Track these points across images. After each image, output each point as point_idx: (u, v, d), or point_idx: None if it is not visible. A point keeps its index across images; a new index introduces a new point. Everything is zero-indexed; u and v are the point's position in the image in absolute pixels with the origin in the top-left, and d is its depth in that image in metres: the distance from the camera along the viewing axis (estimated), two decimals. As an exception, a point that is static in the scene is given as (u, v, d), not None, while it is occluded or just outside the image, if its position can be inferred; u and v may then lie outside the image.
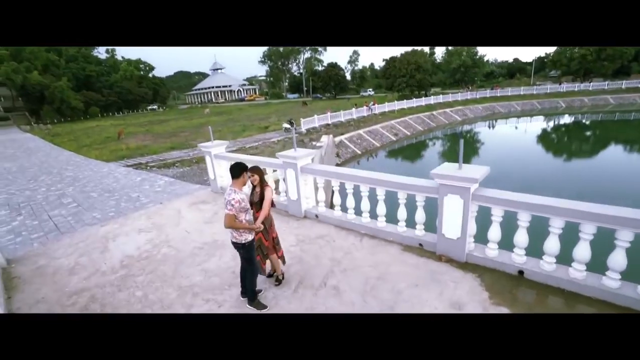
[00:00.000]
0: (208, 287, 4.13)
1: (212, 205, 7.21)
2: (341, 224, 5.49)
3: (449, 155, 25.57)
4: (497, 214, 3.90)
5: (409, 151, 27.60)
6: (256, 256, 3.98)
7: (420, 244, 4.60)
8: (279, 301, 3.75)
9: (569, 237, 3.69)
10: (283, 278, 4.15)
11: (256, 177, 3.80)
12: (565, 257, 3.68)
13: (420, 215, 4.57)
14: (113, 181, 11.34)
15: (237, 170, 3.45)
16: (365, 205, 5.16)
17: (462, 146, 3.90)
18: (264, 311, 3.57)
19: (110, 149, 21.41)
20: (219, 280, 4.26)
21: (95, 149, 22.15)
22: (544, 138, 29.30)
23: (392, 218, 5.04)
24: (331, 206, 5.90)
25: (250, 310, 3.63)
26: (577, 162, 21.33)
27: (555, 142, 28.61)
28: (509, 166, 19.08)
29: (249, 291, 3.70)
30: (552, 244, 3.61)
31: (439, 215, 4.19)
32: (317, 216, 5.86)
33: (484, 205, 3.94)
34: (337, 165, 21.42)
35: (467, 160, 4.00)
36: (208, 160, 7.97)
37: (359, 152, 24.50)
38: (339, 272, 4.19)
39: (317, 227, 5.56)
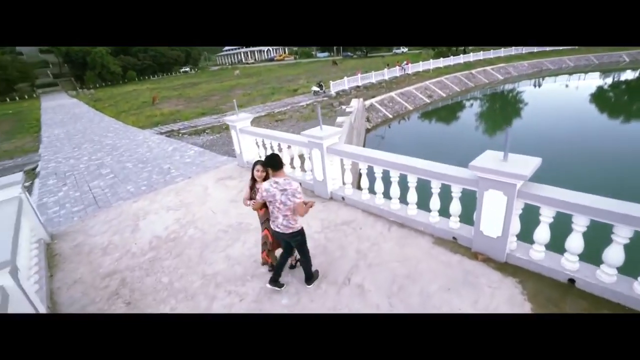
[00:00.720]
0: (231, 276, 4.04)
1: (238, 181, 7.07)
2: (368, 208, 5.12)
3: (487, 118, 23.66)
4: (547, 214, 3.34)
5: (444, 112, 25.84)
6: (262, 251, 3.94)
7: (454, 238, 4.16)
8: (301, 298, 3.58)
9: (637, 244, 3.10)
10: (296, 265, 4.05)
11: (263, 174, 3.70)
12: (629, 268, 3.12)
13: (455, 207, 4.08)
14: (147, 150, 11.56)
15: (278, 160, 3.34)
16: (395, 191, 4.71)
17: (508, 136, 3.27)
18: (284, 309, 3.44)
19: (146, 114, 21.88)
20: (241, 269, 4.15)
21: (132, 114, 22.76)
22: (601, 98, 26.04)
23: (424, 205, 4.59)
24: (359, 187, 5.51)
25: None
26: None
27: (614, 101, 25.36)
28: (557, 133, 17.24)
29: (307, 275, 3.74)
30: (614, 253, 3.04)
31: (477, 209, 3.68)
32: (343, 199, 5.52)
33: (532, 204, 3.38)
34: (367, 130, 20.58)
35: (504, 120, 3.33)
36: (234, 134, 7.71)
37: (390, 115, 23.27)
38: (364, 267, 3.91)
39: (343, 211, 5.24)
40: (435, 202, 4.28)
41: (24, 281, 3.80)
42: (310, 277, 3.75)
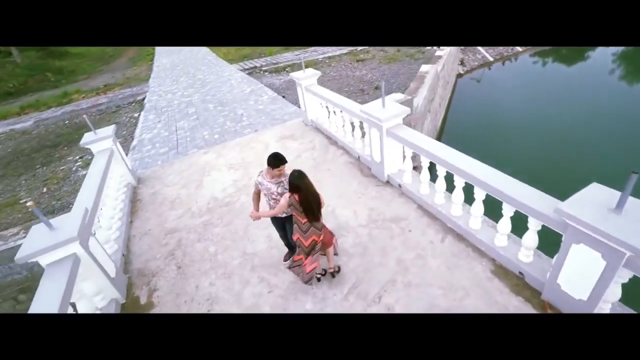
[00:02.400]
0: (267, 261, 4.00)
1: (299, 143, 6.71)
2: (425, 205, 4.33)
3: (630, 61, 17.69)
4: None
5: (570, 53, 20.06)
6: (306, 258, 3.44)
7: (521, 273, 3.27)
8: (326, 308, 3.35)
9: None
10: (338, 271, 3.66)
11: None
12: None
13: (529, 240, 3.09)
14: (228, 91, 11.78)
15: (268, 162, 3.18)
16: (458, 196, 3.80)
17: (631, 183, 2.09)
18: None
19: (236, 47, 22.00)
20: (278, 254, 4.06)
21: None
22: None
23: (493, 213, 3.65)
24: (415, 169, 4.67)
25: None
26: None
27: None
28: None
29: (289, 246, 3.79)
30: None
31: (559, 256, 2.70)
32: (400, 186, 4.78)
33: (655, 278, 2.29)
34: (459, 75, 17.47)
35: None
36: (299, 91, 7.09)
37: (491, 58, 19.07)
38: (401, 286, 3.42)
39: (397, 203, 4.56)
40: (504, 225, 3.32)
41: (105, 231, 4.36)
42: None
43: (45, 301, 2.74)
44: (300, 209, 3.09)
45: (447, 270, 3.49)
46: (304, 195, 3.06)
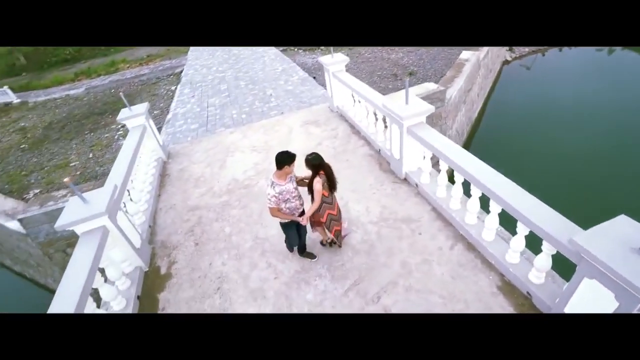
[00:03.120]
0: (276, 247, 4.12)
1: (322, 129, 6.64)
2: (440, 209, 4.19)
3: None
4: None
5: None
6: (331, 231, 3.67)
7: (529, 294, 3.12)
8: (325, 300, 3.44)
9: None
10: (332, 244, 3.95)
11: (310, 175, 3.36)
12: None
13: (542, 262, 2.91)
14: (260, 68, 11.74)
15: (281, 160, 3.11)
16: (473, 205, 3.63)
17: None
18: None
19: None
20: (287, 242, 4.17)
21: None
22: None
23: (507, 223, 3.47)
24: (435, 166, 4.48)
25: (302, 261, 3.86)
26: None
27: None
28: None
29: (296, 248, 3.90)
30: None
31: (570, 286, 2.53)
32: (417, 185, 4.63)
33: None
34: (506, 62, 16.05)
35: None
36: (327, 76, 6.91)
37: (547, 44, 17.16)
38: (401, 289, 3.41)
39: (411, 203, 4.45)
40: (518, 243, 3.14)
41: (135, 204, 4.69)
42: (300, 250, 3.89)
43: (78, 265, 3.08)
44: (326, 186, 3.34)
45: (451, 279, 3.42)
46: (328, 170, 3.32)
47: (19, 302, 8.20)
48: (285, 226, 3.58)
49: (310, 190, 3.34)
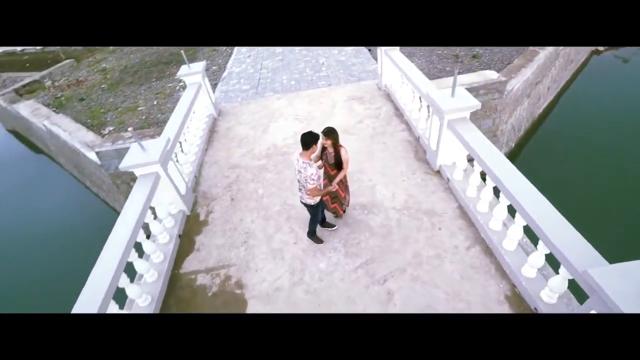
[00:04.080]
0: (301, 215, 4.36)
1: (366, 106, 6.52)
2: (466, 208, 4.07)
3: None
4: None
5: None
6: (332, 204, 4.02)
7: (536, 310, 3.05)
8: (335, 272, 3.67)
9: None
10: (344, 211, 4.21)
11: (329, 141, 3.49)
12: None
13: (557, 284, 2.80)
14: (317, 34, 11.44)
15: (308, 141, 3.18)
16: (500, 212, 3.49)
17: None
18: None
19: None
20: (311, 213, 4.40)
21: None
22: None
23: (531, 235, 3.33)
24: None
25: (309, 242, 4.02)
26: None
27: None
28: None
29: (310, 230, 3.97)
30: None
31: (585, 308, 2.45)
32: (448, 180, 4.50)
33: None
34: (596, 52, 13.84)
35: None
36: (378, 53, 6.62)
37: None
38: (408, 278, 3.51)
39: (437, 197, 4.37)
40: (537, 259, 3.02)
41: (185, 155, 5.18)
42: (310, 233, 3.97)
43: (134, 201, 3.64)
44: (332, 163, 3.60)
45: (460, 278, 3.43)
46: (335, 140, 3.49)
47: (94, 217, 9.69)
48: (316, 207, 3.62)
49: (336, 160, 3.56)
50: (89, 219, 9.61)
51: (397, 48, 6.23)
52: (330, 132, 3.46)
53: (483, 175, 3.88)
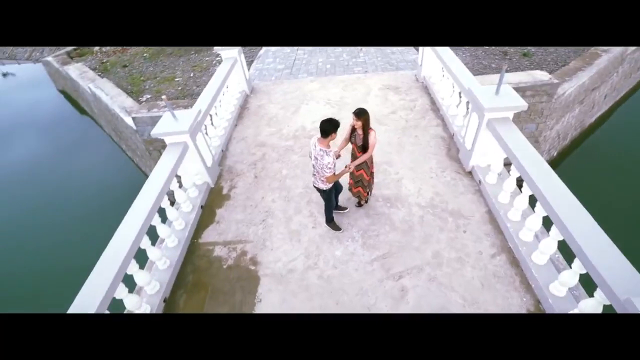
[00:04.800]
0: (322, 200, 4.32)
1: (401, 97, 6.26)
2: (496, 214, 3.84)
3: None
4: None
5: None
6: (355, 188, 3.96)
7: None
8: (350, 261, 3.61)
9: None
10: (366, 201, 4.20)
11: (359, 123, 3.38)
12: None
13: (589, 308, 2.57)
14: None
15: (327, 128, 3.10)
16: (534, 222, 3.24)
17: None
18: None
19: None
20: (332, 199, 4.34)
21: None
22: None
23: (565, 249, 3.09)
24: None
25: (327, 229, 3.97)
26: None
27: None
28: None
29: (327, 216, 3.94)
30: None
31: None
32: (480, 182, 4.25)
33: None
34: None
35: None
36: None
37: None
38: (425, 277, 3.39)
39: (466, 199, 4.14)
40: (569, 279, 2.79)
41: (215, 129, 5.25)
42: (328, 220, 3.93)
43: (163, 166, 3.74)
44: (360, 145, 3.51)
45: (480, 286, 3.26)
46: (366, 122, 3.39)
47: (127, 180, 10.23)
48: (329, 192, 3.59)
49: (364, 140, 3.46)
50: (122, 180, 10.16)
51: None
52: (362, 113, 3.35)
53: (519, 182, 3.62)
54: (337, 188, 3.86)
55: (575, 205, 2.73)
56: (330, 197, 3.70)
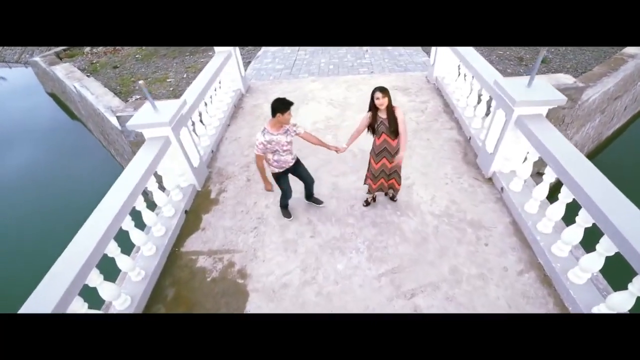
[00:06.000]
0: (323, 207, 4.02)
1: (411, 98, 6.05)
2: (523, 225, 3.51)
3: None
4: None
5: None
6: (389, 180, 3.70)
7: None
8: (355, 275, 3.26)
9: None
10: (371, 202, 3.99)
11: (386, 99, 3.15)
12: None
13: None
14: (364, 21, 11.07)
15: (275, 106, 3.04)
16: (572, 236, 2.90)
17: None
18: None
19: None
20: (335, 204, 4.03)
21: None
22: None
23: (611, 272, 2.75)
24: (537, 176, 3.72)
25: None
26: None
27: None
28: None
29: (280, 203, 3.90)
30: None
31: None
32: (502, 190, 3.95)
33: None
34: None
35: None
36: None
37: None
38: (441, 295, 3.03)
39: (486, 208, 3.83)
40: (622, 303, 2.43)
41: (204, 127, 5.00)
42: (281, 206, 3.90)
43: (138, 162, 3.47)
44: (392, 130, 3.23)
45: (506, 307, 2.90)
46: (390, 102, 3.16)
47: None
48: (278, 178, 3.55)
49: (393, 122, 3.21)
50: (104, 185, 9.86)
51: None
52: (385, 89, 3.14)
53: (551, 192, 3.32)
54: (303, 177, 3.74)
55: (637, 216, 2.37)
56: (279, 183, 3.62)
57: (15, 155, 12.54)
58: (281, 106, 3.04)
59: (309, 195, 4.01)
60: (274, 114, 3.07)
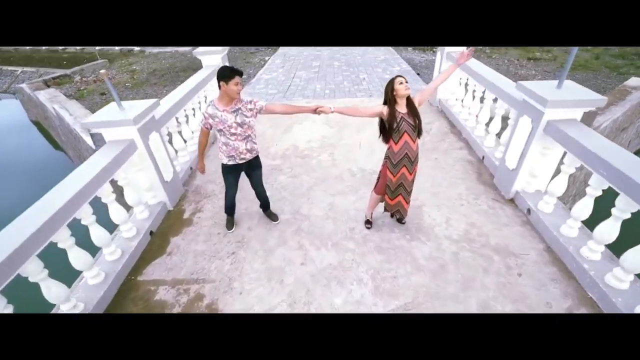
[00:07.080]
0: (315, 230, 3.44)
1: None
2: (561, 252, 2.94)
3: None
4: None
5: None
6: (393, 199, 3.12)
7: None
8: (357, 312, 2.60)
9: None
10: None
11: (409, 88, 2.71)
12: None
13: None
14: (360, 54, 11.32)
15: (220, 74, 2.59)
16: (631, 263, 2.35)
17: None
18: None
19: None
20: (332, 226, 3.45)
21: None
22: None
23: None
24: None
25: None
26: None
27: None
28: None
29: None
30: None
31: None
32: (529, 212, 3.43)
33: None
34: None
35: None
36: (438, 59, 6.04)
37: None
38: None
39: (512, 232, 3.29)
40: None
41: (182, 141, 4.53)
42: (225, 208, 3.45)
43: (89, 165, 2.91)
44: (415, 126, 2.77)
45: None
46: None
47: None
48: (224, 169, 3.12)
49: (416, 116, 2.78)
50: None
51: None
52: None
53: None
54: (254, 183, 3.31)
55: None
56: (223, 174, 3.17)
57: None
58: (225, 73, 2.56)
59: (264, 207, 3.58)
60: (218, 82, 2.64)
